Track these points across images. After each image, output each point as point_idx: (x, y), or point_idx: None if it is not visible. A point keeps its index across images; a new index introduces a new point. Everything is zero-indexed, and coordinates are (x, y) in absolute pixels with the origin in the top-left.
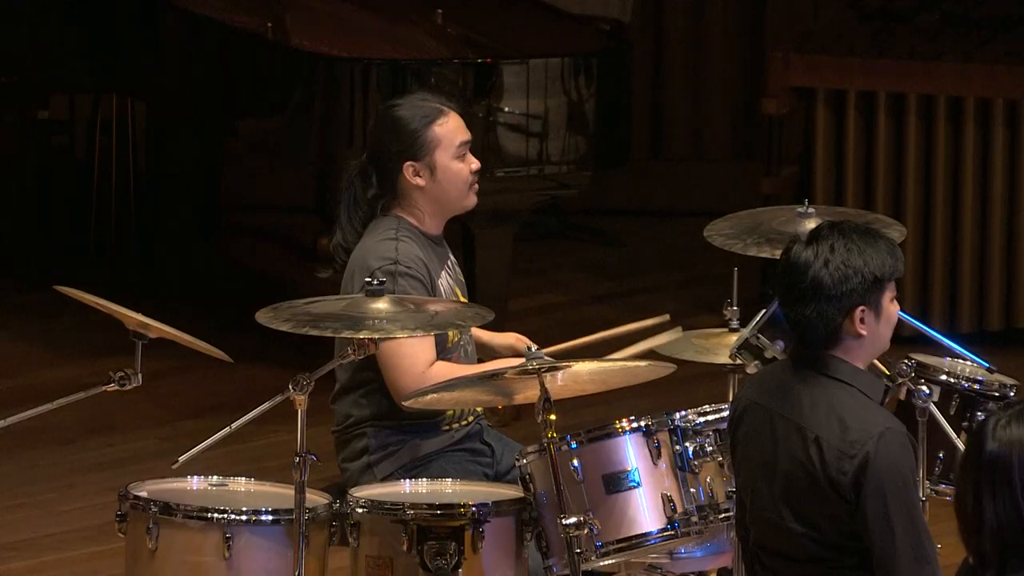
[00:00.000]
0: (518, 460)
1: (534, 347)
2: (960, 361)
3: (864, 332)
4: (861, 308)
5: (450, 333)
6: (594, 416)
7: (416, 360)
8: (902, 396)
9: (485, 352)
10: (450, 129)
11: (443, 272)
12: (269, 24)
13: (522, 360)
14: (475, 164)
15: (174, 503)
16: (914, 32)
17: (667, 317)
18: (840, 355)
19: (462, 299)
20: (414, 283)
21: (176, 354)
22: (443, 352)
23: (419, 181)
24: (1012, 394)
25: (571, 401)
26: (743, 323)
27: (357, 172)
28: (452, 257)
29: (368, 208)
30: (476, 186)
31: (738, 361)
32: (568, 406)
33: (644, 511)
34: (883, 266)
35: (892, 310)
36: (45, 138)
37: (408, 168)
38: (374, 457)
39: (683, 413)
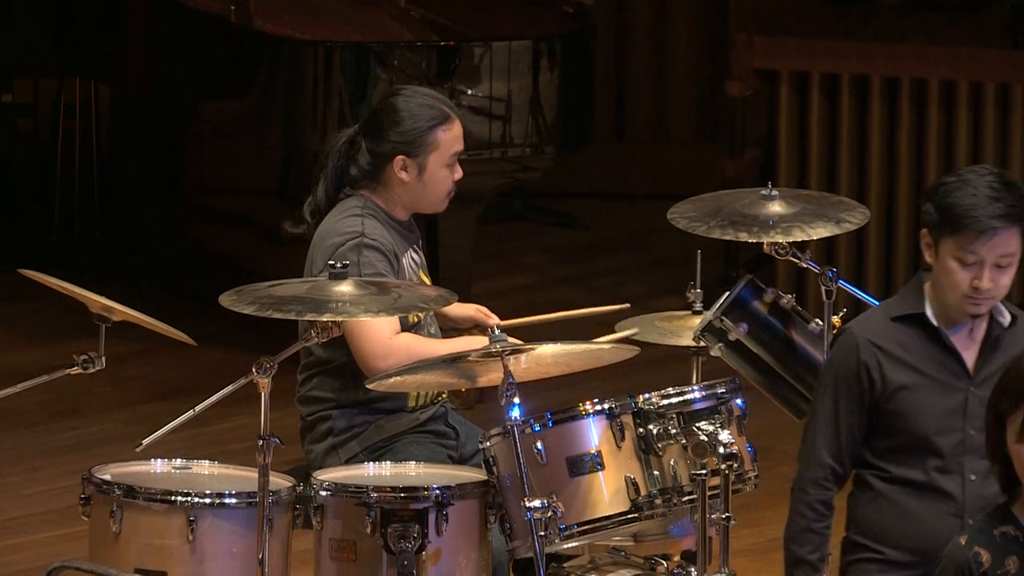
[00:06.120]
0: (482, 443)
1: (494, 319)
2: None
3: (927, 258)
4: (924, 230)
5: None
6: (558, 399)
7: (380, 327)
8: None
9: (445, 323)
10: (451, 137)
11: (408, 253)
12: (232, 7)
13: (485, 337)
14: (459, 174)
15: (138, 486)
16: (878, 14)
17: (627, 306)
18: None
19: (426, 281)
20: (378, 256)
21: (139, 337)
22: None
23: (404, 176)
24: None
25: (535, 384)
26: (707, 305)
27: (345, 142)
28: (420, 242)
29: (343, 181)
30: (452, 193)
31: (702, 343)
32: (532, 389)
33: (607, 494)
34: (943, 211)
35: (948, 263)
36: (9, 122)
37: (398, 161)
38: (338, 439)
39: (647, 396)
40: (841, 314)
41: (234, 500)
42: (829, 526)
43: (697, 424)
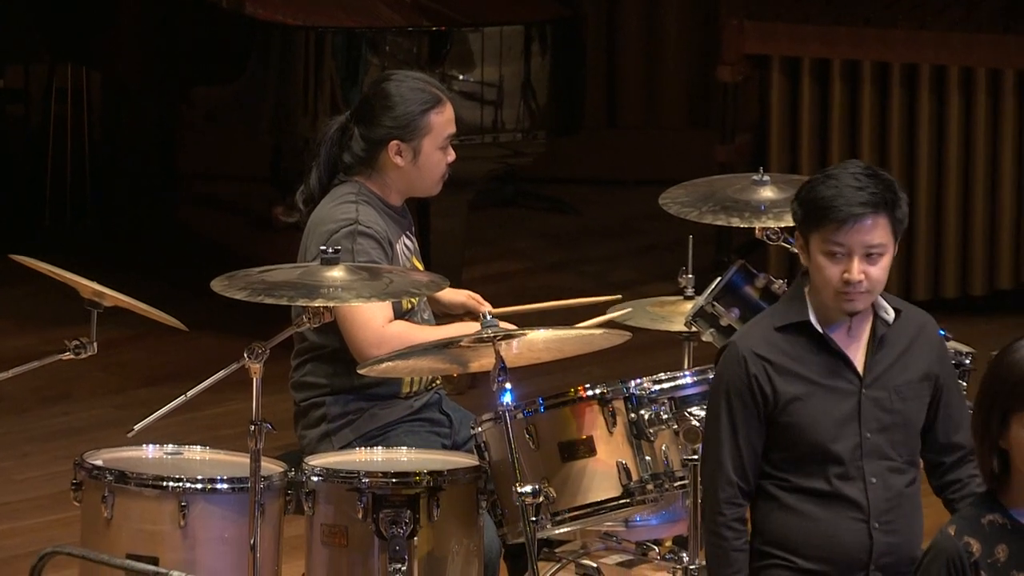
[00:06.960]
0: (473, 428)
1: (486, 306)
2: None
3: (802, 260)
4: (796, 232)
5: (404, 300)
6: (549, 384)
7: (374, 314)
8: None
9: (437, 308)
10: (444, 120)
11: (402, 239)
12: None
13: (476, 322)
14: (451, 157)
15: (129, 472)
16: None
17: (619, 297)
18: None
19: (419, 267)
20: (372, 243)
21: (131, 323)
22: (398, 318)
23: (399, 161)
24: (968, 362)
25: (526, 369)
26: (698, 291)
27: (337, 130)
28: (412, 227)
29: (336, 169)
30: (446, 176)
31: (693, 329)
32: (523, 374)
33: (599, 479)
34: (807, 205)
35: (818, 259)
36: (0, 107)
37: (393, 146)
38: (332, 426)
39: (638, 381)
40: None
41: (226, 485)
42: (747, 541)
43: (689, 409)
